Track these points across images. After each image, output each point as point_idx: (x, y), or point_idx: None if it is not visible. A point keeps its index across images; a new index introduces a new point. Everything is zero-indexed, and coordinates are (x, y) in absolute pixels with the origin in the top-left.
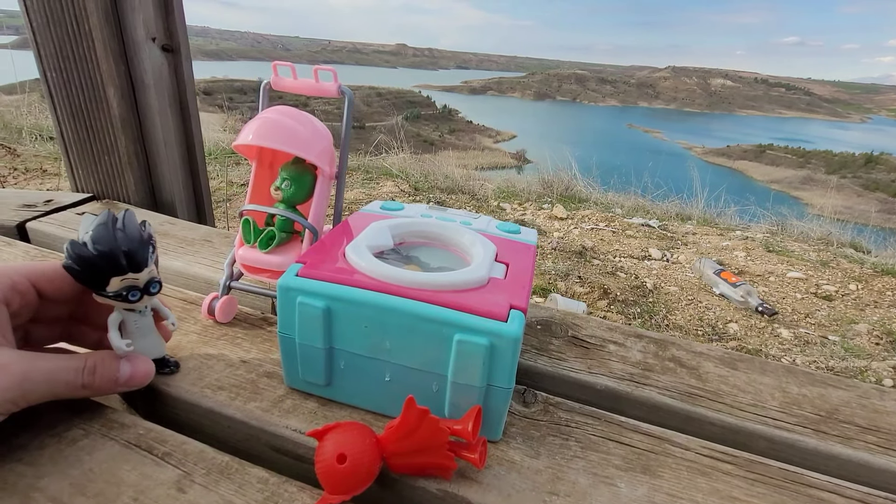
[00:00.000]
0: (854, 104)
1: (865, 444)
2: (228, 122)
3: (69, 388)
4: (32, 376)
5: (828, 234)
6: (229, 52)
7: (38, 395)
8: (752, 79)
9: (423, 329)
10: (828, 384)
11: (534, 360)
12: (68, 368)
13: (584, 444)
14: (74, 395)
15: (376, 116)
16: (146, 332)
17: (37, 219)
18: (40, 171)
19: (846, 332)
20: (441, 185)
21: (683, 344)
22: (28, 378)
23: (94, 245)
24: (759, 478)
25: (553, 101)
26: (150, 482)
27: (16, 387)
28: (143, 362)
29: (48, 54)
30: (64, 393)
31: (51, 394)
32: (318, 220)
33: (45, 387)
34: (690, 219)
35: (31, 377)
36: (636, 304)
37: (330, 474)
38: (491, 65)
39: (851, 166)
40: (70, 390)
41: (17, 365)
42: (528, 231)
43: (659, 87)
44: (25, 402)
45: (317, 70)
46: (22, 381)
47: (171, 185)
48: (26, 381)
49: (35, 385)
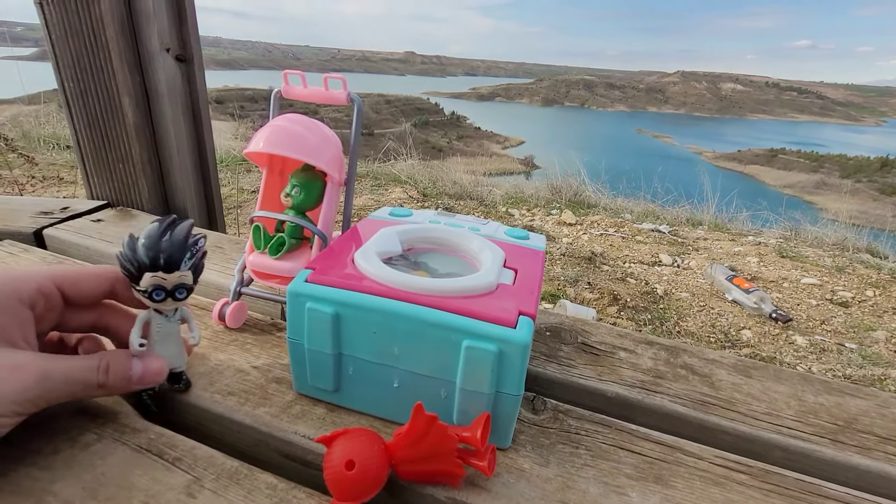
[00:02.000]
0: (868, 107)
1: (885, 455)
2: (240, 130)
3: (86, 387)
4: (51, 376)
5: (843, 239)
6: (241, 62)
7: (56, 394)
8: (763, 83)
9: (432, 335)
10: (845, 393)
11: (543, 367)
12: (85, 367)
13: (595, 452)
14: (91, 394)
15: (385, 123)
16: (168, 338)
17: (53, 226)
18: (57, 178)
19: (863, 340)
20: (449, 191)
21: (695, 351)
22: (47, 378)
23: (142, 238)
24: (775, 488)
25: (561, 106)
26: (161, 487)
27: (35, 387)
28: (155, 360)
29: (66, 65)
30: (81, 392)
31: (69, 394)
32: (327, 226)
33: (63, 387)
34: (701, 224)
35: (50, 377)
36: (647, 311)
37: (338, 481)
38: (499, 71)
39: (866, 170)
40: (87, 390)
41: (36, 365)
42: (537, 237)
43: (668, 91)
44: (45, 402)
45: (326, 78)
46: (41, 381)
47: (183, 192)
48: (46, 380)
49: (54, 384)
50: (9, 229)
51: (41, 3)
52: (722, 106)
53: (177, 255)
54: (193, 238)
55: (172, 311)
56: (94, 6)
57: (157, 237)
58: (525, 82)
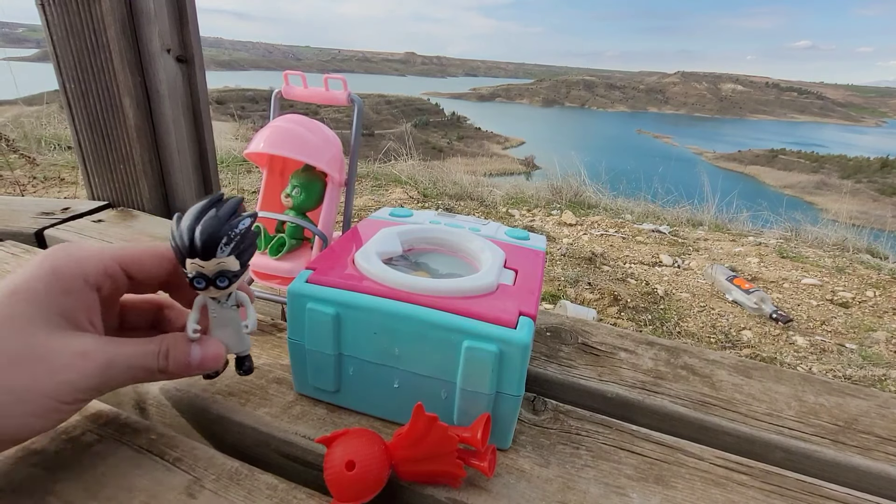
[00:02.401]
0: (868, 108)
1: (885, 455)
2: (240, 131)
3: (148, 373)
4: (115, 363)
5: (843, 239)
6: (241, 63)
7: (119, 381)
8: (764, 83)
9: (432, 335)
10: (846, 393)
11: (543, 368)
12: (147, 353)
13: (595, 452)
14: (152, 379)
15: (385, 124)
16: (225, 323)
17: (54, 226)
18: (58, 179)
19: (864, 340)
20: (450, 192)
21: (696, 351)
22: (111, 365)
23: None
24: (776, 489)
25: (562, 107)
26: (161, 487)
27: (100, 374)
28: (214, 345)
29: (67, 66)
30: (143, 378)
31: (132, 379)
32: (327, 226)
33: (126, 373)
34: (702, 224)
35: (114, 364)
36: (647, 311)
37: (338, 481)
38: (499, 72)
39: (866, 171)
40: (148, 375)
41: (101, 352)
42: (537, 237)
43: (668, 92)
44: (108, 388)
45: (327, 79)
46: (106, 369)
47: (183, 193)
48: (110, 367)
49: (118, 372)
50: (10, 230)
51: (43, 4)
52: (722, 106)
53: (211, 239)
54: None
55: (224, 298)
56: (95, 7)
57: (194, 218)
58: (525, 83)
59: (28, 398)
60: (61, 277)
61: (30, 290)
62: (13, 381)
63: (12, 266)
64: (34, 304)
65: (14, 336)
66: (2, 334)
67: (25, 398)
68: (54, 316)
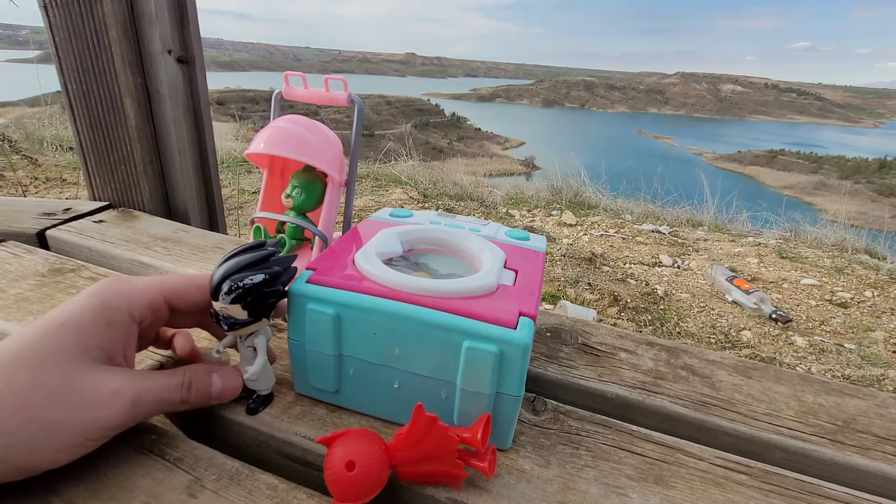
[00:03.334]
0: (867, 109)
1: (884, 455)
2: (241, 132)
3: (170, 405)
4: (143, 398)
5: (842, 239)
6: (242, 63)
7: (144, 415)
8: (763, 84)
9: (432, 336)
10: (844, 393)
11: (543, 368)
12: (170, 386)
13: (595, 453)
14: (174, 410)
15: (385, 124)
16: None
17: (56, 227)
18: (60, 180)
19: (862, 340)
20: (450, 192)
21: (696, 352)
22: (139, 401)
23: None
24: (775, 489)
25: (562, 107)
26: (162, 487)
27: (128, 411)
28: (232, 378)
29: (69, 67)
30: (166, 409)
31: (156, 412)
32: (327, 227)
33: (152, 406)
34: (701, 225)
35: (142, 400)
36: (647, 312)
37: (338, 481)
38: (499, 73)
39: (865, 171)
40: (171, 406)
41: (131, 388)
42: (537, 237)
43: (668, 92)
44: (133, 422)
45: (327, 79)
46: (134, 405)
47: (184, 193)
48: (137, 404)
49: (145, 407)
50: (12, 230)
51: (46, 6)
52: (722, 107)
53: (216, 283)
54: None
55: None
56: (97, 9)
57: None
58: (525, 83)
59: (58, 434)
60: (108, 311)
61: (79, 323)
62: (49, 415)
63: (14, 266)
64: (79, 337)
65: (58, 370)
66: (47, 368)
67: (55, 434)
68: (94, 349)
